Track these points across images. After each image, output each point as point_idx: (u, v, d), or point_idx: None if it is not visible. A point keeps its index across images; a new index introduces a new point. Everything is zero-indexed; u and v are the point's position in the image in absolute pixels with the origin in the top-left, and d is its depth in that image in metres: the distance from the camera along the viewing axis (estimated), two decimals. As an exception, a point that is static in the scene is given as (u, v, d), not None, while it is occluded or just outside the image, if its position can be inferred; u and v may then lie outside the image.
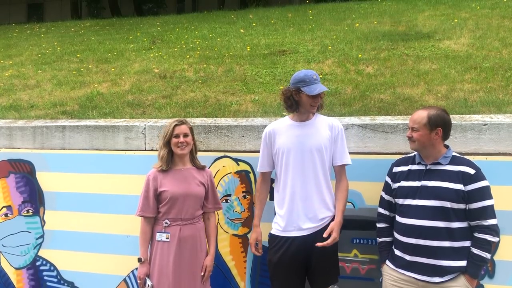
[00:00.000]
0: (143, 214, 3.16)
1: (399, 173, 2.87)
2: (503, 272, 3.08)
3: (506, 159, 3.15)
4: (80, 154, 4.09)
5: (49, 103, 5.38)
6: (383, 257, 2.93)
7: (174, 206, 3.13)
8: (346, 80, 5.15)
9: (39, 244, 4.11)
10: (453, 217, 2.62)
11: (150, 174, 3.21)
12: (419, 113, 2.75)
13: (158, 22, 10.80)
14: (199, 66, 6.21)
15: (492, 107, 3.95)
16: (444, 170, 2.69)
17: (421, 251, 2.68)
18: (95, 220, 3.97)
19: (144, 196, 3.17)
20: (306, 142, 3.00)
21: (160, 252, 3.13)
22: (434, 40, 6.20)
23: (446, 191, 2.64)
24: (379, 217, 2.99)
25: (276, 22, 8.76)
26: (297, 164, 3.00)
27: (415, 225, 2.70)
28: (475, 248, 2.60)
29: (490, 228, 2.59)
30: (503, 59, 5.18)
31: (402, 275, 2.76)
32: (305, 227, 2.97)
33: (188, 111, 4.70)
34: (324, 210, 3.00)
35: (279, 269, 3.02)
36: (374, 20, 7.94)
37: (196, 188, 3.20)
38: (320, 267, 2.97)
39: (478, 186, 2.61)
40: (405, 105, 4.28)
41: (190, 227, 3.17)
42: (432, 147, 2.73)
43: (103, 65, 6.90)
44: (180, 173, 3.20)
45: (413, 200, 2.74)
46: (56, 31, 10.83)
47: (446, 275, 2.62)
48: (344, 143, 3.07)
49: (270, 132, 3.14)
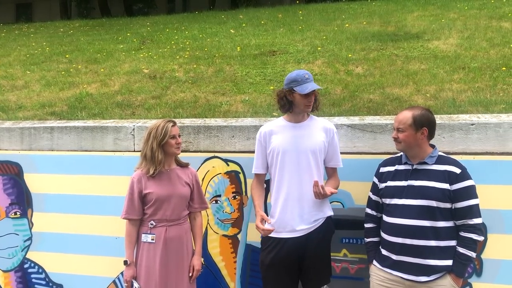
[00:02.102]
0: (128, 216, 3.14)
1: (386, 173, 2.88)
2: (490, 270, 3.11)
3: (493, 158, 3.18)
4: (68, 155, 4.06)
5: (38, 104, 5.34)
6: (370, 257, 2.94)
7: (160, 208, 3.11)
8: (335, 80, 5.17)
9: (27, 247, 4.08)
10: (439, 216, 2.64)
11: (135, 176, 3.17)
12: (404, 114, 2.76)
13: (148, 22, 10.77)
14: (189, 67, 6.20)
15: (480, 106, 3.99)
16: (430, 170, 2.70)
17: (407, 251, 2.69)
18: (84, 221, 3.94)
19: (129, 199, 3.15)
20: (302, 143, 3.00)
21: (146, 254, 3.11)
22: (423, 40, 6.25)
23: (432, 190, 2.65)
24: (367, 217, 3.00)
25: (266, 23, 8.77)
26: (293, 165, 2.99)
27: (402, 225, 2.71)
28: (460, 247, 2.62)
29: (476, 227, 2.61)
30: (491, 59, 5.23)
31: (389, 274, 2.77)
32: (298, 229, 2.96)
33: (178, 112, 4.69)
34: (318, 212, 3.00)
35: (272, 271, 3.01)
36: (364, 20, 7.98)
37: (182, 188, 3.18)
38: (313, 268, 2.98)
39: (464, 186, 2.63)
40: (394, 105, 4.30)
41: (176, 228, 3.15)
42: (418, 147, 2.74)
43: (92, 65, 6.86)
44: (165, 174, 3.18)
45: (399, 199, 2.75)
46: (45, 31, 10.75)
47: (432, 274, 2.63)
48: (337, 146, 3.08)
49: (265, 132, 3.12)
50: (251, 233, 3.60)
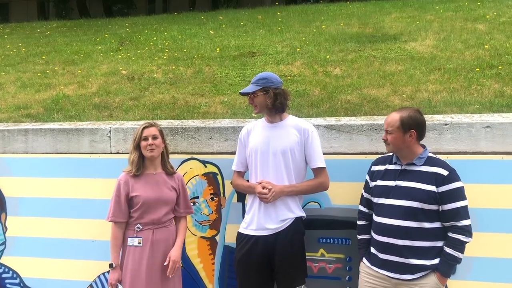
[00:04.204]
0: (114, 219, 3.10)
1: (377, 172, 2.90)
2: (464, 267, 3.14)
3: (465, 157, 3.23)
4: (43, 158, 3.99)
5: (13, 106, 5.25)
6: (361, 254, 2.96)
7: (147, 211, 3.09)
8: (314, 81, 5.20)
9: (0, 251, 3.99)
10: (423, 217, 2.65)
11: (121, 179, 3.15)
12: (393, 116, 2.77)
13: (127, 23, 10.67)
14: (168, 68, 6.17)
15: (455, 107, 4.06)
16: (418, 171, 2.72)
17: (393, 250, 2.71)
18: (59, 225, 3.88)
19: (115, 201, 3.11)
20: (271, 143, 3.04)
21: (132, 257, 3.08)
22: (400, 42, 6.34)
23: (418, 192, 2.67)
24: (359, 214, 3.02)
25: (246, 24, 8.78)
26: (263, 165, 3.05)
27: (388, 224, 2.73)
28: (448, 248, 2.64)
29: (464, 229, 2.63)
30: (466, 60, 5.33)
31: (376, 272, 2.79)
32: (267, 227, 3.01)
33: (156, 113, 4.66)
34: (286, 212, 3.03)
35: (241, 266, 3.08)
36: (342, 22, 8.05)
37: (168, 193, 3.17)
38: (284, 268, 2.99)
39: (451, 188, 2.64)
40: (371, 106, 4.35)
41: (163, 231, 3.14)
42: (407, 149, 2.75)
43: (69, 67, 6.77)
44: (152, 177, 3.16)
45: (386, 199, 2.77)
46: (21, 32, 10.57)
47: (417, 272, 2.66)
48: (315, 146, 3.06)
49: (245, 132, 3.23)
50: (229, 235, 3.59)
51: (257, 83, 3.06)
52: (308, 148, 3.06)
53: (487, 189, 3.16)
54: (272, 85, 3.05)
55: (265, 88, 3.03)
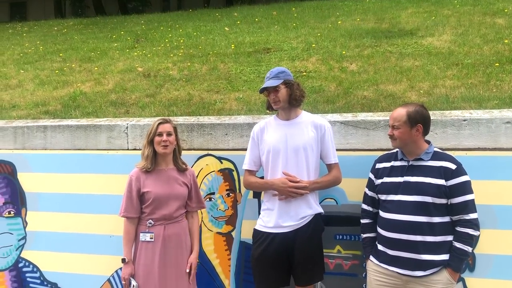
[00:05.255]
0: (126, 215, 3.14)
1: (382, 170, 2.89)
2: (483, 265, 3.12)
3: (485, 154, 3.19)
4: (62, 154, 4.04)
5: (31, 103, 5.32)
6: (367, 253, 2.95)
7: (158, 207, 3.12)
8: (329, 77, 5.17)
9: (21, 246, 4.07)
10: (434, 212, 2.65)
11: (133, 174, 3.18)
12: (398, 111, 2.77)
13: (143, 20, 10.74)
14: (183, 65, 6.19)
15: (473, 102, 4.00)
16: (426, 166, 2.72)
17: (403, 246, 2.70)
18: (78, 220, 3.94)
19: (127, 197, 3.14)
20: (289, 141, 3.02)
21: (145, 252, 3.11)
22: (417, 37, 6.26)
23: (428, 186, 2.66)
24: (363, 213, 3.01)
25: (260, 20, 8.76)
26: (281, 162, 3.02)
27: (397, 220, 2.72)
28: (457, 242, 2.63)
29: (472, 222, 2.62)
30: (484, 55, 5.25)
31: (385, 270, 2.78)
32: (286, 225, 2.99)
33: (172, 110, 4.68)
34: (306, 209, 3.01)
35: (259, 264, 3.06)
36: (358, 17, 7.98)
37: (179, 188, 3.19)
38: (303, 264, 2.99)
39: (460, 181, 2.64)
40: (387, 102, 4.31)
41: (174, 226, 3.16)
42: (413, 144, 2.75)
43: (86, 64, 6.84)
44: (163, 173, 3.19)
45: (395, 195, 2.76)
46: (39, 30, 10.71)
47: (428, 269, 2.64)
48: (331, 142, 3.07)
49: (258, 130, 3.17)
50: (245, 231, 3.60)
51: (278, 77, 3.01)
52: (324, 144, 3.05)
53: (507, 186, 3.11)
54: (290, 78, 3.06)
55: (286, 81, 3.01)
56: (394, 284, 2.75)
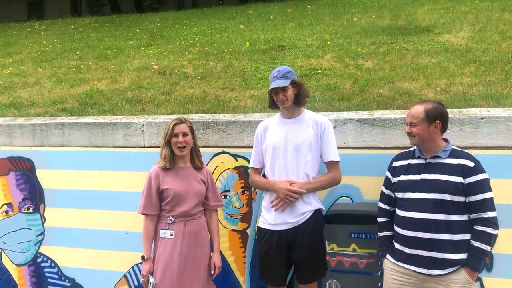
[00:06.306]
0: (146, 212, 3.16)
1: (399, 168, 2.88)
2: (501, 265, 3.08)
3: (503, 152, 3.14)
4: (79, 151, 4.10)
5: (49, 100, 5.40)
6: (384, 251, 2.94)
7: (178, 204, 3.14)
8: (345, 75, 5.14)
9: (39, 241, 4.14)
10: (452, 210, 2.63)
11: (152, 172, 3.20)
12: (416, 108, 2.75)
13: (158, 18, 10.79)
14: (198, 62, 6.21)
15: (491, 100, 3.94)
16: (443, 164, 2.69)
17: (421, 244, 2.68)
18: (94, 216, 3.99)
19: (146, 194, 3.17)
20: (289, 139, 3.06)
21: (164, 249, 3.13)
22: (433, 34, 6.19)
23: (445, 184, 2.64)
24: (380, 211, 3.00)
25: (275, 17, 8.75)
26: (281, 160, 3.06)
27: (415, 218, 2.70)
28: (475, 241, 2.60)
29: (490, 221, 2.59)
30: (503, 52, 5.17)
31: (402, 268, 2.76)
32: (287, 221, 3.02)
33: (187, 108, 4.71)
34: (305, 205, 3.03)
35: (265, 261, 3.11)
36: (373, 14, 7.92)
37: (198, 185, 3.21)
38: (304, 261, 3.01)
39: (478, 179, 2.62)
40: (404, 100, 4.27)
41: (194, 222, 3.18)
42: (431, 141, 2.73)
43: (102, 62, 6.90)
44: (182, 171, 3.21)
45: (412, 193, 2.74)
46: (56, 29, 10.84)
47: (446, 268, 2.62)
48: (330, 140, 3.06)
49: (262, 128, 3.23)
50: (260, 228, 3.60)
51: (286, 77, 3.03)
52: (323, 142, 3.06)
53: (526, 185, 3.07)
54: (296, 77, 3.09)
55: (293, 81, 3.05)
56: (411, 283, 2.73)
